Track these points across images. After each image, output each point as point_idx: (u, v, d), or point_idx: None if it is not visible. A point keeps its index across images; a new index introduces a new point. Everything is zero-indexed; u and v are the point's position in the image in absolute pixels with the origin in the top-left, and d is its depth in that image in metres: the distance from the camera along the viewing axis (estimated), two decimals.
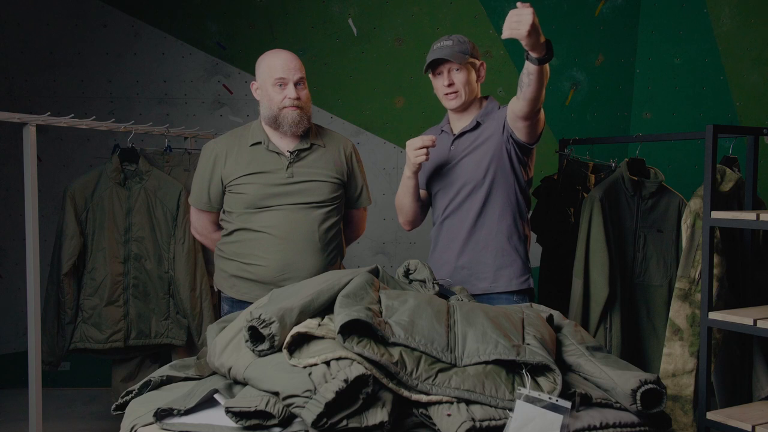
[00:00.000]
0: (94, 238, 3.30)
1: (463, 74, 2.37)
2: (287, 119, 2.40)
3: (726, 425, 2.33)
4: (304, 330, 1.61)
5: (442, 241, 2.47)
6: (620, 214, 3.00)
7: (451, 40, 2.38)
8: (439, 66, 2.39)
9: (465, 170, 2.41)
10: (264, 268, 2.40)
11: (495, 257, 2.38)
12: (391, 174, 4.51)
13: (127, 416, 1.71)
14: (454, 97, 2.40)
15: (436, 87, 2.44)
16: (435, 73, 2.41)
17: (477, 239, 2.39)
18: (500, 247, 2.39)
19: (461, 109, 2.44)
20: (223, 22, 4.43)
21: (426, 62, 2.40)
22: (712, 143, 2.44)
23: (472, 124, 2.43)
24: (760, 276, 2.79)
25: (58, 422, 3.84)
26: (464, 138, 2.44)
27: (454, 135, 2.46)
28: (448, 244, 2.44)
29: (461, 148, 2.43)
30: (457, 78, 2.37)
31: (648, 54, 4.38)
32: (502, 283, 2.38)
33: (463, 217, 2.41)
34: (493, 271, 2.38)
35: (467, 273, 2.40)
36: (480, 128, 2.42)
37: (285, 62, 2.40)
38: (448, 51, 2.35)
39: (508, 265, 2.39)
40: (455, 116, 2.48)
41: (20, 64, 4.35)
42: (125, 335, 3.33)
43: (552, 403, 1.49)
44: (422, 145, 2.28)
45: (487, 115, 2.44)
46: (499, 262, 2.39)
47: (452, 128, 2.49)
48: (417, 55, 4.37)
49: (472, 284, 2.38)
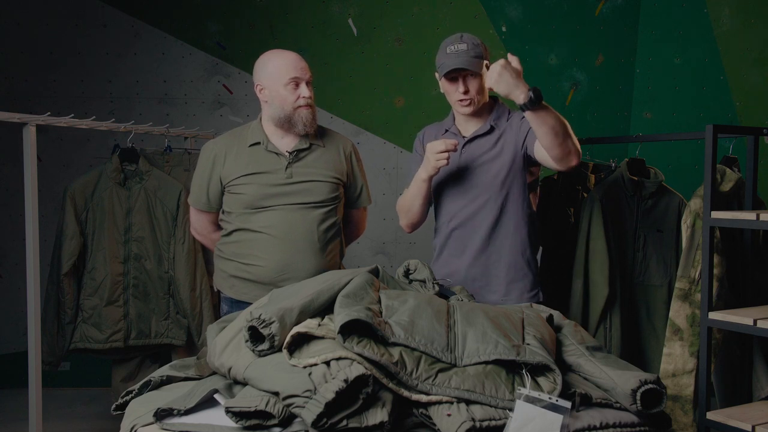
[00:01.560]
0: (94, 238, 3.30)
1: (478, 81, 2.31)
2: (302, 118, 2.40)
3: (726, 425, 2.33)
4: (304, 330, 1.61)
5: (451, 250, 2.41)
6: (620, 214, 3.00)
7: (465, 44, 2.28)
8: (456, 72, 2.30)
9: (480, 179, 2.35)
10: (263, 268, 2.40)
11: (508, 271, 2.36)
12: (391, 174, 4.51)
13: (127, 416, 1.71)
14: (468, 104, 2.33)
15: (447, 91, 2.36)
16: (449, 79, 2.33)
17: (490, 252, 2.35)
18: (513, 261, 2.36)
19: (472, 114, 2.39)
20: (223, 22, 4.43)
21: (440, 66, 2.32)
22: (712, 143, 2.44)
23: (486, 128, 2.38)
24: (760, 276, 2.79)
25: (58, 422, 3.84)
26: (477, 143, 2.38)
27: (465, 138, 2.40)
28: (457, 254, 2.39)
29: (475, 154, 2.37)
30: (472, 85, 2.31)
31: (648, 54, 4.38)
32: (513, 297, 2.36)
33: (476, 228, 2.36)
34: (505, 285, 2.36)
35: (478, 285, 2.36)
36: (494, 133, 2.37)
37: (295, 62, 2.40)
38: (465, 58, 2.27)
39: (520, 279, 2.37)
40: (464, 119, 2.41)
41: (20, 64, 4.35)
42: (125, 335, 3.33)
43: (552, 403, 1.49)
44: (445, 149, 2.20)
45: (499, 118, 2.39)
46: (511, 275, 2.36)
47: (460, 130, 2.43)
48: (417, 55, 4.38)
49: (482, 296, 2.35)
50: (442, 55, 2.32)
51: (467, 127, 2.42)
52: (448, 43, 2.32)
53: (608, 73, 4.45)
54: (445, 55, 2.31)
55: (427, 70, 4.43)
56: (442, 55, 2.32)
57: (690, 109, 4.18)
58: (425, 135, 2.51)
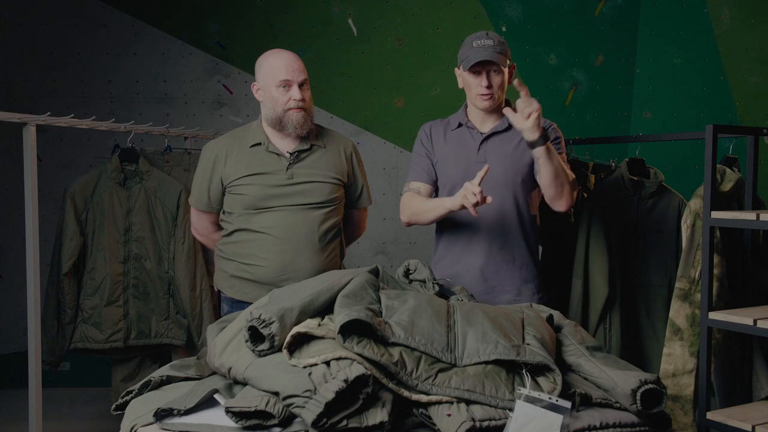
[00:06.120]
0: (94, 238, 3.30)
1: (501, 77, 2.33)
2: (292, 121, 2.39)
3: (726, 425, 2.33)
4: (304, 330, 1.61)
5: (462, 247, 2.40)
6: (620, 214, 3.00)
7: (491, 39, 2.30)
8: (481, 66, 2.31)
9: (498, 177, 2.34)
10: (264, 268, 2.40)
11: (521, 271, 2.38)
12: (391, 174, 4.51)
13: (127, 416, 1.71)
14: (488, 99, 2.33)
15: (469, 85, 2.36)
16: (473, 72, 2.32)
17: (504, 252, 2.36)
18: (526, 262, 2.39)
19: (490, 110, 2.40)
20: (223, 22, 4.43)
21: (465, 60, 2.31)
22: (712, 143, 2.44)
23: (503, 125, 2.38)
24: (760, 276, 2.79)
25: (58, 422, 3.84)
26: (495, 140, 2.39)
27: (482, 135, 2.40)
28: (470, 252, 2.39)
29: (493, 151, 2.38)
30: (495, 80, 2.32)
31: (648, 54, 4.38)
32: (525, 297, 2.38)
33: (491, 226, 2.36)
34: (518, 286, 2.38)
35: (491, 285, 2.37)
36: (511, 132, 2.37)
37: (289, 63, 2.39)
38: (491, 51, 2.28)
39: (531, 280, 2.40)
40: (480, 115, 2.41)
41: (20, 64, 4.35)
42: (125, 335, 3.33)
43: (552, 403, 1.49)
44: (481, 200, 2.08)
45: None
46: (524, 276, 2.39)
47: (477, 126, 2.42)
48: (417, 55, 4.38)
49: (494, 296, 2.36)
50: (468, 48, 2.33)
51: (483, 123, 2.42)
52: (473, 38, 2.33)
53: (608, 73, 4.45)
54: (471, 49, 2.31)
55: (427, 70, 4.47)
56: (468, 49, 2.32)
57: (690, 109, 4.18)
58: (432, 130, 2.49)
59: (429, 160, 2.45)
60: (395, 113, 4.48)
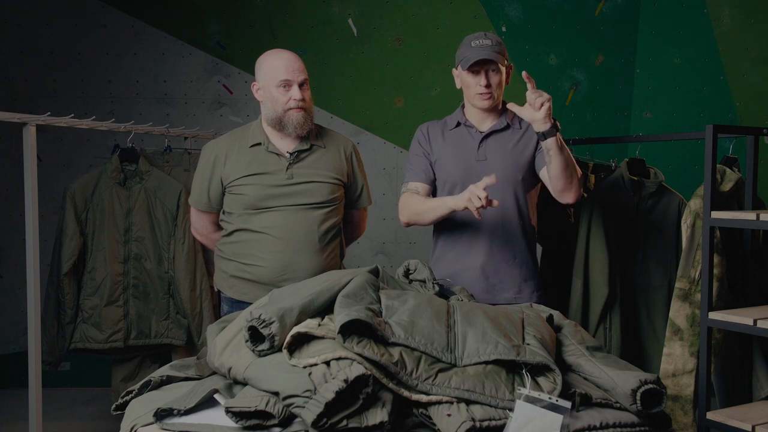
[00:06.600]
0: (94, 238, 3.30)
1: (499, 76, 2.34)
2: (292, 121, 2.39)
3: (726, 425, 2.33)
4: (304, 330, 1.61)
5: (463, 246, 2.40)
6: (620, 214, 3.00)
7: (490, 40, 2.32)
8: (480, 65, 2.33)
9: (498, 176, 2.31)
10: (263, 268, 2.40)
11: (521, 269, 2.39)
12: (391, 174, 4.51)
13: (127, 416, 1.71)
14: (487, 98, 2.35)
15: (467, 84, 2.37)
16: (471, 71, 2.34)
17: (505, 250, 2.37)
18: (525, 260, 2.40)
19: (489, 109, 2.41)
20: (223, 22, 4.43)
21: (463, 59, 2.32)
22: (712, 143, 2.44)
23: (502, 124, 2.40)
24: (760, 276, 2.79)
25: (58, 422, 3.84)
26: (494, 139, 2.40)
27: (481, 133, 2.40)
28: (470, 250, 2.39)
29: (492, 149, 2.39)
30: (493, 79, 2.33)
31: (648, 54, 4.38)
32: (525, 295, 2.39)
33: (491, 224, 2.36)
34: (518, 284, 2.39)
35: (492, 283, 2.37)
36: (510, 131, 2.39)
37: (289, 63, 2.39)
38: (489, 51, 2.30)
39: (530, 278, 2.41)
40: (479, 114, 2.42)
41: (20, 64, 4.35)
42: (125, 335, 3.33)
43: (552, 403, 1.49)
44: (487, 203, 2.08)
45: (514, 118, 2.41)
46: (524, 274, 2.40)
47: (476, 125, 2.42)
48: (417, 55, 4.38)
49: (495, 294, 2.36)
50: (466, 48, 2.34)
51: (482, 122, 2.43)
52: (472, 39, 2.35)
53: (608, 73, 4.45)
54: (469, 49, 2.33)
55: (427, 70, 4.47)
56: (466, 49, 2.34)
57: (690, 109, 4.18)
58: (429, 130, 2.49)
59: (427, 159, 2.45)
60: (395, 113, 4.48)
